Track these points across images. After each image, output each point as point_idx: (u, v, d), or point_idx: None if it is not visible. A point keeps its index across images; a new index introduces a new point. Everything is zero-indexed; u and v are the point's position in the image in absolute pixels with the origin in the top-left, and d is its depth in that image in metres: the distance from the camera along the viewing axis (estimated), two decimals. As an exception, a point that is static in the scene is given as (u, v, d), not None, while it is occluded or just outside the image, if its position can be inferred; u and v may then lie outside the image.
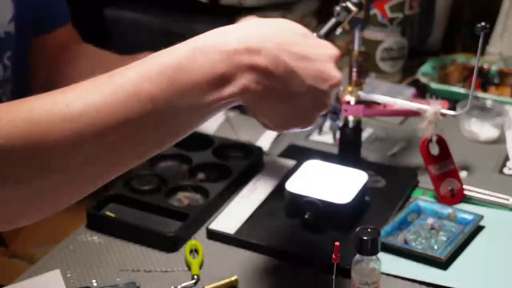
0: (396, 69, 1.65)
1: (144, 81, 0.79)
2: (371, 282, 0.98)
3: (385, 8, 1.58)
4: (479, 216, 1.18)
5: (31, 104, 0.78)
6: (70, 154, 0.78)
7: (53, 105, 0.78)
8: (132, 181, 1.24)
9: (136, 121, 0.79)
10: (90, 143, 0.78)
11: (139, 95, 0.78)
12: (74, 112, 0.77)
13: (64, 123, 0.77)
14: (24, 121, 0.77)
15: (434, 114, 1.21)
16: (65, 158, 0.78)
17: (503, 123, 1.43)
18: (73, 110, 0.77)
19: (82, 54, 1.30)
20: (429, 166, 1.24)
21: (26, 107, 0.78)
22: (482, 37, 1.10)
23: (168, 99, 0.79)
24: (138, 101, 0.78)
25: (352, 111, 1.25)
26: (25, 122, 0.77)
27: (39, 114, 0.77)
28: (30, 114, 0.77)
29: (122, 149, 0.80)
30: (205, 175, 1.29)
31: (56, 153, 0.77)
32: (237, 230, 1.16)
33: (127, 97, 0.78)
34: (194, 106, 0.81)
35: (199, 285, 1.07)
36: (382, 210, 1.21)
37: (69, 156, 0.78)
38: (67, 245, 1.15)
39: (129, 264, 1.11)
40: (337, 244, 0.96)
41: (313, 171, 1.22)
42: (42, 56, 1.29)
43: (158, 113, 0.79)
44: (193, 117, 0.83)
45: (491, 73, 1.59)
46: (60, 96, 0.79)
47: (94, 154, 0.79)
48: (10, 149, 0.76)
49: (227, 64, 0.81)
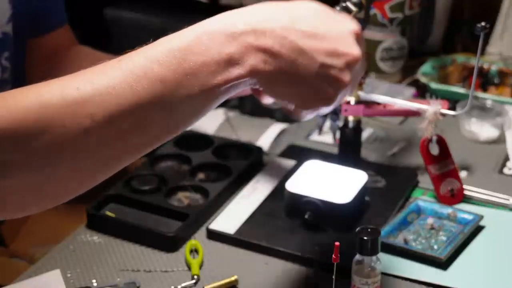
0: (396, 69, 1.65)
1: (153, 63, 0.79)
2: (371, 282, 0.98)
3: (385, 8, 1.58)
4: (479, 216, 1.18)
5: (39, 89, 0.78)
6: (82, 138, 0.77)
7: (63, 89, 0.77)
8: (132, 181, 1.24)
9: (146, 104, 0.78)
10: (101, 127, 0.77)
11: (149, 78, 0.78)
12: (84, 95, 0.77)
13: (76, 106, 0.76)
14: (35, 105, 0.76)
15: (434, 114, 1.21)
16: (76, 142, 0.77)
17: (503, 123, 1.43)
18: (84, 93, 0.77)
19: (79, 55, 1.30)
20: (429, 166, 1.24)
21: (35, 92, 0.78)
22: (482, 37, 1.10)
23: (178, 80, 0.79)
24: (148, 83, 0.78)
25: (352, 111, 1.25)
26: (37, 106, 0.76)
27: (50, 98, 0.77)
28: (40, 98, 0.77)
29: (132, 134, 0.80)
30: (205, 175, 1.29)
31: (68, 137, 0.77)
32: (237, 230, 1.16)
33: (136, 79, 0.78)
34: (203, 88, 0.80)
35: (199, 285, 1.07)
36: (382, 210, 1.21)
37: (80, 140, 0.77)
38: (67, 245, 1.15)
39: (129, 264, 1.11)
40: (337, 244, 0.96)
41: (313, 171, 1.22)
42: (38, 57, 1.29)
43: (168, 95, 0.79)
44: (202, 100, 0.82)
45: (491, 73, 1.59)
46: (69, 81, 0.78)
47: (105, 139, 0.78)
48: (23, 134, 0.76)
49: (234, 46, 0.81)
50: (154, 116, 0.80)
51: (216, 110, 1.50)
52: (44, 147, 0.77)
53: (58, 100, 0.77)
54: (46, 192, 0.80)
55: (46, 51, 1.29)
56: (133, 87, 0.78)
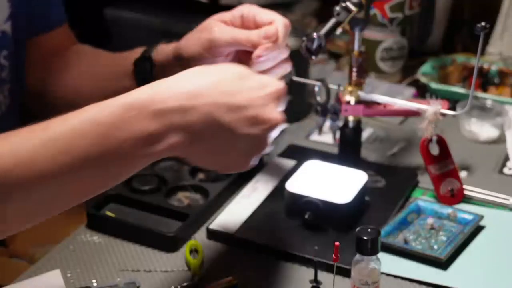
0: (396, 69, 1.65)
1: (77, 137, 0.82)
2: (371, 282, 0.98)
3: (385, 8, 1.58)
4: (479, 216, 1.18)
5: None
6: (1, 205, 0.82)
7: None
8: (132, 181, 1.24)
9: (67, 174, 0.82)
10: (20, 198, 0.82)
11: (71, 153, 0.82)
12: (5, 167, 0.81)
13: (4, 173, 0.81)
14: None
15: (434, 114, 1.21)
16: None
17: (503, 123, 1.43)
18: (4, 164, 0.81)
19: (79, 54, 1.30)
20: (429, 166, 1.24)
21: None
22: (482, 37, 1.10)
23: (100, 152, 0.83)
24: (71, 157, 0.82)
25: (352, 111, 1.25)
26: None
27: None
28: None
29: (56, 198, 0.85)
30: (205, 175, 1.29)
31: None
32: (237, 230, 1.16)
33: (58, 153, 0.82)
34: (125, 160, 0.84)
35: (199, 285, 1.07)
36: (382, 210, 1.21)
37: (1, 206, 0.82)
38: (67, 245, 1.15)
39: (129, 264, 1.11)
40: (337, 244, 0.96)
41: (313, 171, 1.22)
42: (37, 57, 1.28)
43: (90, 166, 0.83)
44: (125, 168, 0.86)
45: (491, 73, 1.59)
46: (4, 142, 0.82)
47: (24, 207, 0.83)
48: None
49: (158, 124, 0.84)
50: (77, 182, 0.84)
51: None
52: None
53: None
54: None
55: (45, 50, 1.29)
56: (55, 160, 0.82)
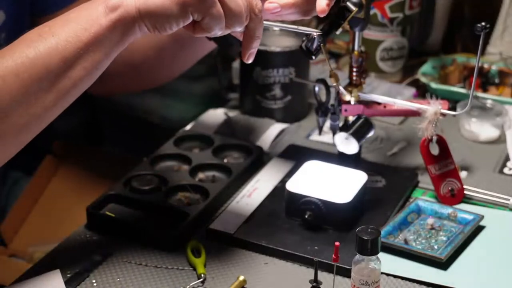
0: (396, 69, 1.65)
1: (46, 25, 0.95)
2: (371, 282, 0.98)
3: (385, 8, 1.58)
4: (479, 216, 1.18)
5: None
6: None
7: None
8: (132, 181, 1.24)
9: (44, 57, 0.93)
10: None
11: (42, 34, 0.94)
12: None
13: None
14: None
15: (434, 114, 1.21)
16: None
17: (503, 123, 1.43)
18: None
19: None
20: (429, 166, 1.24)
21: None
22: (482, 37, 1.10)
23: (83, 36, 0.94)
24: (43, 38, 0.93)
25: (352, 111, 1.25)
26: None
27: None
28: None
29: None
30: (205, 175, 1.29)
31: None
32: (237, 230, 1.16)
33: (31, 40, 0.94)
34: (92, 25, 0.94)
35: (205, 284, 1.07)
36: (382, 210, 1.21)
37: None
38: (67, 245, 1.15)
39: (129, 264, 1.11)
40: (337, 244, 0.96)
41: (313, 171, 1.22)
42: None
43: (61, 45, 0.93)
44: (97, 47, 0.95)
45: (491, 73, 1.59)
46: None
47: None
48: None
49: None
50: (54, 69, 0.94)
51: (216, 110, 1.50)
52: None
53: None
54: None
55: None
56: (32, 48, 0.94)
